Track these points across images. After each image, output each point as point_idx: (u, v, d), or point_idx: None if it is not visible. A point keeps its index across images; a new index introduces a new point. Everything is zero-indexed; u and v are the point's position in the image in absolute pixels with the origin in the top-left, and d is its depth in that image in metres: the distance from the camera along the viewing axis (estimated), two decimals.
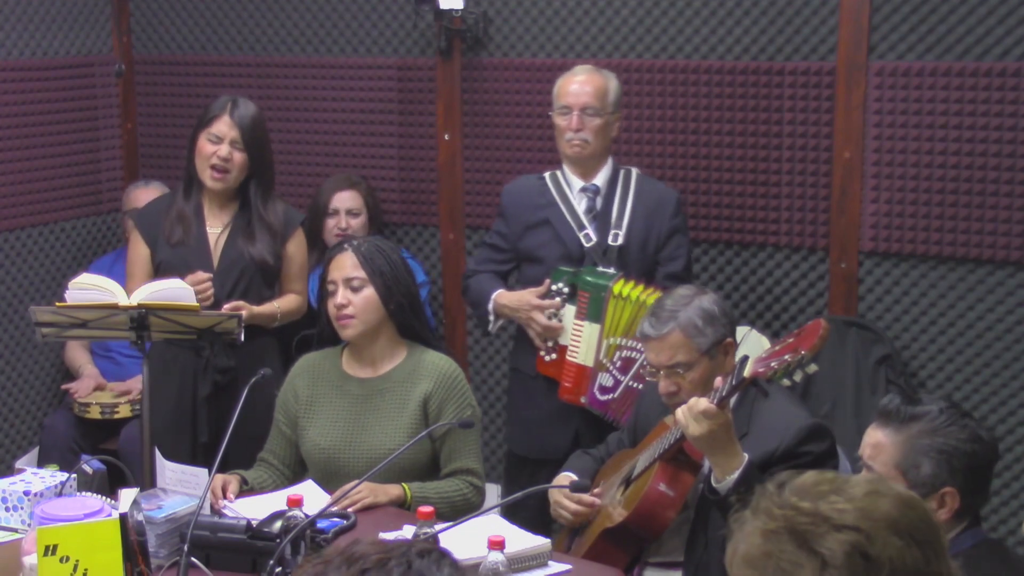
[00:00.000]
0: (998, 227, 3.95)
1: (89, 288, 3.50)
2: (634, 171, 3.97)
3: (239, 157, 3.84)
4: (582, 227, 3.87)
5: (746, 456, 2.81)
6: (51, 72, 4.91)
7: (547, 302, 3.82)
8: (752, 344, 3.96)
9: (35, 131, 4.84)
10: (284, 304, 3.95)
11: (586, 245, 3.85)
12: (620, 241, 3.85)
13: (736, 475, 2.77)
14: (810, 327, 2.75)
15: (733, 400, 2.85)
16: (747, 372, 2.75)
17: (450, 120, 4.75)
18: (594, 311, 3.74)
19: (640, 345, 3.68)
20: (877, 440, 2.45)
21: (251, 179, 3.90)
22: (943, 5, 3.95)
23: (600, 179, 3.92)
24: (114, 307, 3.42)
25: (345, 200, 4.59)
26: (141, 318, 3.41)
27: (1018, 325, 3.98)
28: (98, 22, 5.14)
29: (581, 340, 3.78)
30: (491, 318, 3.97)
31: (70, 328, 3.52)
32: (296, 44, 5.01)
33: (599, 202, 3.90)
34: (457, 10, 4.55)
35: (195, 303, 3.50)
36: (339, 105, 4.96)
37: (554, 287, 3.82)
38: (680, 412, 2.83)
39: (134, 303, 3.43)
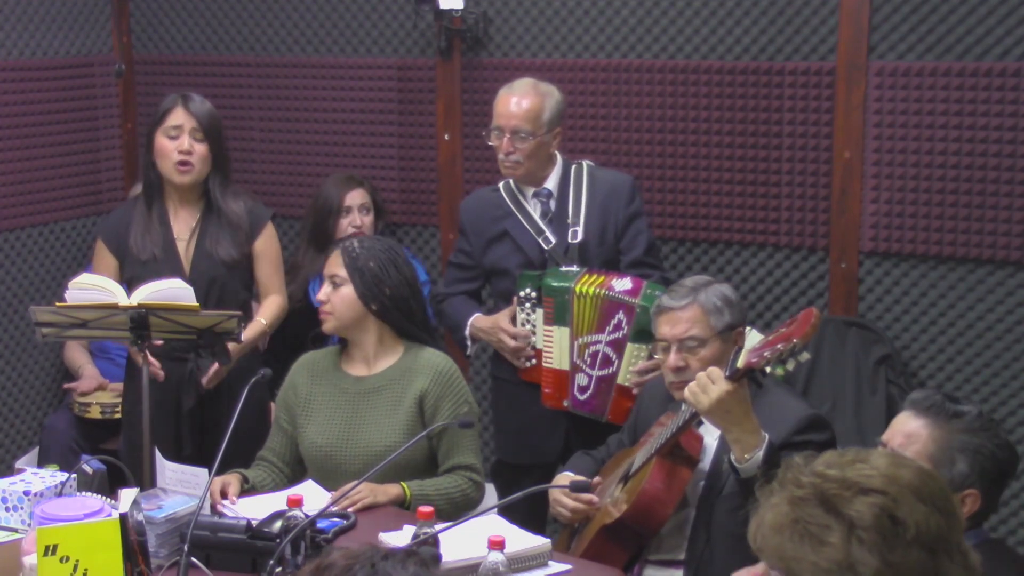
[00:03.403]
0: (998, 227, 3.95)
1: (89, 288, 3.49)
2: (585, 164, 3.97)
3: (201, 148, 3.80)
4: (540, 232, 3.86)
5: (766, 435, 2.80)
6: (51, 72, 4.91)
7: (519, 330, 3.82)
8: (752, 344, 3.95)
9: (35, 131, 4.84)
10: (268, 314, 3.91)
11: (545, 248, 3.85)
12: (579, 238, 3.84)
13: (760, 452, 2.76)
14: (802, 316, 2.78)
15: None
16: (740, 363, 2.76)
17: (450, 120, 4.74)
18: (560, 315, 3.75)
19: (601, 336, 3.69)
20: (913, 429, 2.43)
21: (212, 173, 3.85)
22: (943, 5, 3.95)
23: (551, 182, 3.91)
24: (114, 307, 3.41)
25: (357, 198, 4.60)
26: (141, 318, 3.40)
27: (1018, 325, 3.98)
28: (98, 22, 5.14)
29: (553, 345, 3.78)
30: (468, 343, 3.98)
31: (70, 328, 3.51)
32: (296, 44, 5.01)
33: (553, 204, 3.90)
34: (457, 10, 4.55)
35: (195, 303, 3.48)
36: (339, 105, 4.96)
37: (521, 293, 3.81)
38: (688, 390, 2.83)
39: (134, 303, 3.42)
